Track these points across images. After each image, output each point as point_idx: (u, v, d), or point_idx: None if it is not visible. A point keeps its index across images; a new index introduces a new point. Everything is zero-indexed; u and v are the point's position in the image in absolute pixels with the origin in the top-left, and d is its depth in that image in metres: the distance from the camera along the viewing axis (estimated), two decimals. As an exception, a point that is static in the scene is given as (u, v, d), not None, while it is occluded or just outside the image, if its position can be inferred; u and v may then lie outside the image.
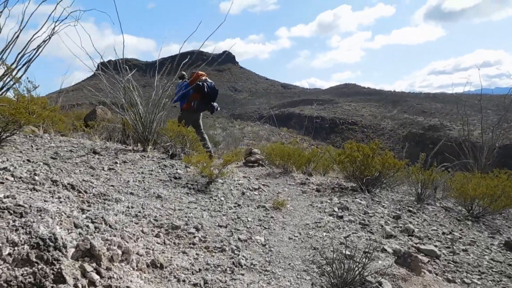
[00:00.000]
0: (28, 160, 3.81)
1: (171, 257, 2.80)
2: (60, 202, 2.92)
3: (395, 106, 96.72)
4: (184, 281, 2.55)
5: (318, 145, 42.96)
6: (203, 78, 7.36)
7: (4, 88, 5.36)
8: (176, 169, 5.03)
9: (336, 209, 4.38)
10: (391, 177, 5.62)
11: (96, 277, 2.16)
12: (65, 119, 7.93)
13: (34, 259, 1.91)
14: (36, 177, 3.22)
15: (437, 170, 5.95)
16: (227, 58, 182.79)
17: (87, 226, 2.49)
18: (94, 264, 2.23)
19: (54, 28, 5.80)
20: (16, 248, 1.95)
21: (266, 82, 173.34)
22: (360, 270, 2.60)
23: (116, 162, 4.79)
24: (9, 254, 1.90)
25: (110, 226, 2.72)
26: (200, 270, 2.73)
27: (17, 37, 5.42)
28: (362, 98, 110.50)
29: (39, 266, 1.90)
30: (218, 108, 7.43)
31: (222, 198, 4.32)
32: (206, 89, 7.20)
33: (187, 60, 6.78)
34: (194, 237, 3.18)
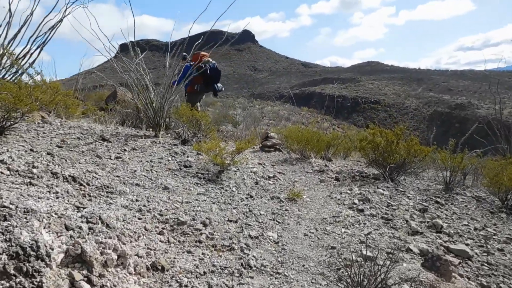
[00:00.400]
0: (31, 150, 3.63)
1: (174, 258, 2.59)
2: (57, 197, 2.73)
3: (420, 84, 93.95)
4: (186, 286, 2.33)
5: (340, 124, 42.21)
6: (206, 59, 7.16)
7: (19, 72, 5.24)
8: (187, 157, 4.80)
9: (356, 201, 4.06)
10: (416, 164, 5.23)
11: (86, 286, 1.95)
12: (79, 102, 7.79)
13: (12, 271, 1.71)
14: (34, 170, 3.03)
15: (468, 156, 5.51)
16: (247, 37, 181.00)
17: (80, 227, 2.28)
18: (85, 271, 2.03)
19: (66, 10, 5.62)
20: (-7, 257, 1.75)
21: (287, 61, 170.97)
22: (382, 276, 2.31)
23: (125, 150, 4.59)
24: (-15, 265, 1.70)
25: (107, 226, 2.50)
26: (205, 273, 2.50)
27: (29, 20, 5.26)
28: (386, 76, 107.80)
29: (17, 280, 1.69)
30: (223, 89, 7.39)
31: (234, 189, 4.07)
32: (208, 71, 7.06)
33: (200, 40, 6.46)
34: (201, 234, 2.96)
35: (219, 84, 7.33)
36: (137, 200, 3.22)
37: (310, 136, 6.36)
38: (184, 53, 6.63)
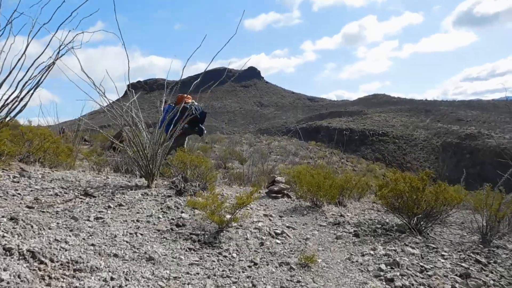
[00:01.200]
0: (-9, 215, 3.04)
1: None
2: (-1, 288, 2.10)
3: (428, 115, 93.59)
4: None
5: (349, 158, 41.49)
6: (189, 101, 7.07)
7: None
8: (181, 212, 4.18)
9: (383, 265, 3.35)
10: (447, 214, 4.52)
11: None
12: (71, 148, 7.29)
13: None
14: (-19, 247, 2.42)
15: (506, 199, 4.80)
16: (253, 73, 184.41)
17: None
18: None
19: (58, 53, 5.21)
20: None
21: (293, 96, 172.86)
22: None
23: (109, 207, 3.98)
24: None
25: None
26: None
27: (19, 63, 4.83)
28: (392, 108, 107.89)
29: None
30: (205, 131, 7.44)
31: (234, 254, 3.40)
32: (198, 115, 7.04)
33: (198, 80, 5.99)
34: (189, 328, 2.28)
35: (202, 127, 7.39)
36: (112, 279, 2.57)
37: (322, 181, 5.70)
38: (165, 98, 6.36)
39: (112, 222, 3.58)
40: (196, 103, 7.06)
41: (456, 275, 3.32)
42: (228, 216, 3.86)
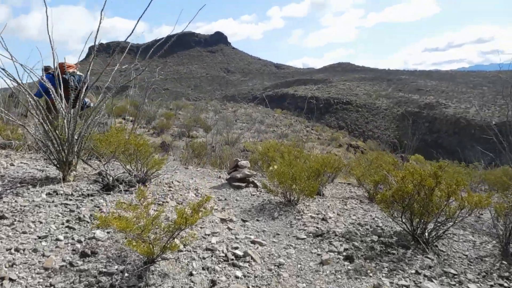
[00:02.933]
0: None
1: None
2: None
3: (390, 85, 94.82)
4: None
5: (313, 126, 41.01)
6: (71, 70, 6.14)
7: None
8: (97, 227, 2.84)
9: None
10: (462, 219, 3.44)
11: None
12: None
13: None
14: None
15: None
16: (220, 39, 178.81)
17: None
18: None
19: None
20: None
21: (259, 62, 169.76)
22: None
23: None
24: None
25: None
26: None
27: None
28: (356, 76, 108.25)
29: None
30: (91, 104, 6.14)
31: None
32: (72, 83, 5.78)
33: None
34: None
35: (86, 99, 6.13)
36: None
37: (298, 172, 4.46)
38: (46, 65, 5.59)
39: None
40: (78, 73, 5.94)
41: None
42: (161, 245, 2.54)
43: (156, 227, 2.46)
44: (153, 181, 4.64)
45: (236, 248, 2.97)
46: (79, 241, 2.62)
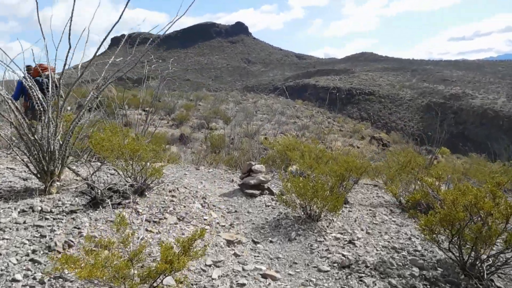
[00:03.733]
0: None
1: None
2: None
3: (414, 75, 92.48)
4: None
5: (335, 117, 40.15)
6: (46, 73, 5.57)
7: None
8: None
9: None
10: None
11: None
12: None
13: None
14: None
15: None
16: (240, 29, 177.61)
17: None
18: None
19: None
20: None
21: (280, 53, 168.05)
22: None
23: None
24: None
25: None
26: None
27: None
28: (379, 67, 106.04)
29: None
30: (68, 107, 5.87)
31: None
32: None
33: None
34: None
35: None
36: None
37: (320, 186, 3.93)
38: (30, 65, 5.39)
39: None
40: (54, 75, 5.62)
41: None
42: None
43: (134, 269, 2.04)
44: (155, 189, 4.26)
45: (243, 285, 2.54)
46: (41, 282, 2.24)
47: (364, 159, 8.88)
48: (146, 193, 4.04)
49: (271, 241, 3.51)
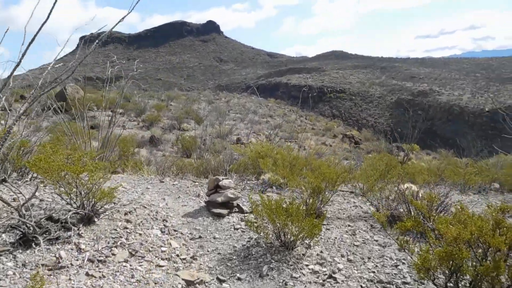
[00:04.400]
0: None
1: None
2: None
3: (383, 72, 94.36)
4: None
5: (307, 116, 40.21)
6: None
7: None
8: None
9: None
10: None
11: None
12: None
13: None
14: None
15: None
16: (212, 28, 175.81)
17: None
18: None
19: None
20: None
21: (252, 51, 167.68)
22: None
23: None
24: None
25: None
26: None
27: None
28: (350, 65, 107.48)
29: None
30: None
31: None
32: None
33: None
34: None
35: None
36: None
37: (294, 209, 3.47)
38: None
39: None
40: None
41: None
42: None
43: None
44: (107, 213, 3.72)
45: None
46: None
47: (338, 165, 8.57)
48: (96, 219, 3.50)
49: (239, 278, 3.04)
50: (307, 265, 3.28)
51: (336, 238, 3.92)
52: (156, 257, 3.14)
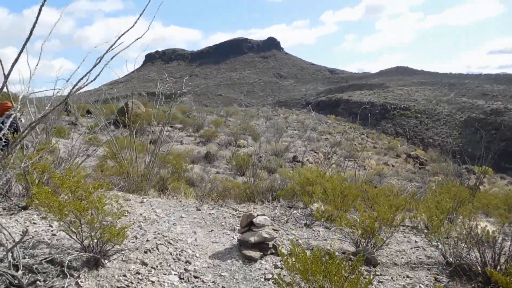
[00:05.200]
0: None
1: None
2: None
3: (452, 89, 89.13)
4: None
5: (369, 133, 38.48)
6: (6, 113, 5.95)
7: None
8: None
9: None
10: None
11: None
12: None
13: None
14: None
15: None
16: (272, 44, 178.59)
17: None
18: None
19: None
20: None
21: (312, 67, 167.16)
22: None
23: None
24: None
25: None
26: None
27: None
28: (415, 81, 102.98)
29: None
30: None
31: None
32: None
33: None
34: None
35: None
36: None
37: (336, 265, 2.80)
38: None
39: None
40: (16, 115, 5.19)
41: None
42: None
43: None
44: (123, 252, 3.29)
45: None
46: None
47: (399, 194, 7.60)
48: (106, 261, 3.06)
49: None
50: None
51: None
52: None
